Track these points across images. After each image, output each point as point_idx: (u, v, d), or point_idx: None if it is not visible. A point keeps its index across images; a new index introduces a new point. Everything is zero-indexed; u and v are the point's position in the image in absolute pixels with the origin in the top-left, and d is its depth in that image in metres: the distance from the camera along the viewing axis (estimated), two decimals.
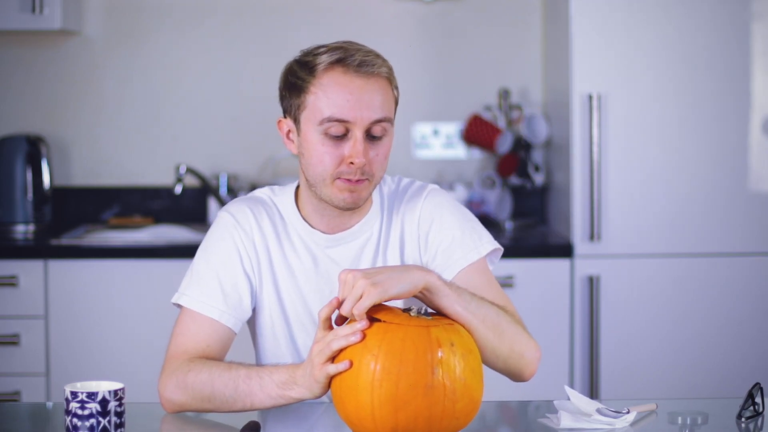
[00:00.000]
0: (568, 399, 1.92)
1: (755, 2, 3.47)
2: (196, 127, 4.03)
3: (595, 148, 3.46)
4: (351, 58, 1.99)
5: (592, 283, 3.47)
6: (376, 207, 2.13)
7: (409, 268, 1.85)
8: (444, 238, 2.10)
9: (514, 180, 3.96)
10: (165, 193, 4.02)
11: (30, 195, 3.80)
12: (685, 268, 3.50)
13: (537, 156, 3.96)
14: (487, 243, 2.11)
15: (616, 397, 3.40)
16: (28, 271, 3.48)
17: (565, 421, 1.86)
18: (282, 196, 2.15)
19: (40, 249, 3.51)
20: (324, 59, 2.00)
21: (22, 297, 3.48)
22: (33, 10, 3.65)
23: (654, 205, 3.49)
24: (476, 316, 1.87)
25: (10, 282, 3.47)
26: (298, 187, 2.15)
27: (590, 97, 3.46)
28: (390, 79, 2.04)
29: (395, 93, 2.05)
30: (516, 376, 2.00)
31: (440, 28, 4.03)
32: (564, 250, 3.50)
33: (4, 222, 3.78)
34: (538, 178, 3.95)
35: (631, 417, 1.88)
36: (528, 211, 4.02)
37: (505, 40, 4.03)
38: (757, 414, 1.94)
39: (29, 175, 3.80)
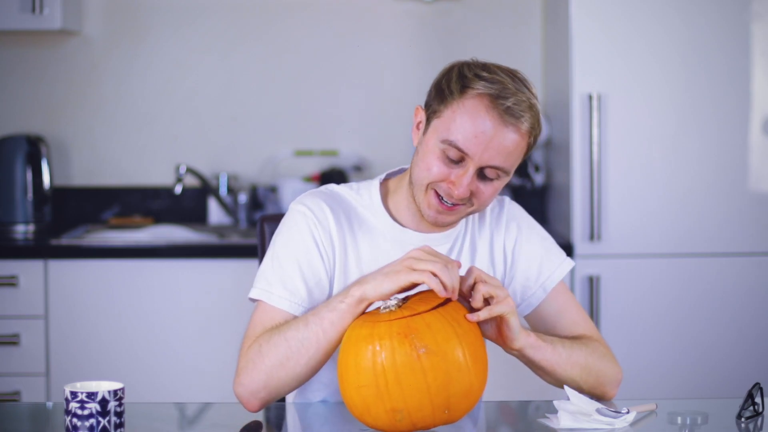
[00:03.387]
0: (568, 399, 1.92)
1: (755, 2, 3.47)
2: (196, 127, 4.03)
3: (595, 148, 3.46)
4: (503, 99, 1.94)
5: (592, 283, 3.47)
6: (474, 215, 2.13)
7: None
8: (531, 257, 2.14)
9: (514, 180, 3.95)
10: (165, 193, 4.02)
11: (30, 195, 3.80)
12: (685, 268, 3.50)
13: (537, 156, 3.96)
14: (566, 259, 2.18)
15: (616, 397, 3.40)
16: (28, 271, 3.48)
17: (565, 421, 1.86)
18: (363, 193, 2.11)
19: (40, 249, 3.51)
20: (478, 86, 1.96)
21: (22, 297, 3.48)
22: (33, 10, 3.65)
23: (654, 205, 3.49)
24: (566, 365, 2.00)
25: (10, 282, 3.47)
26: (383, 183, 2.12)
27: (590, 97, 3.46)
28: (530, 133, 1.98)
29: (530, 142, 2.00)
30: (597, 398, 2.05)
31: (440, 28, 4.03)
32: (564, 250, 3.48)
33: (4, 222, 3.78)
34: (538, 178, 3.94)
35: (631, 417, 1.88)
36: (528, 211, 4.00)
37: (505, 40, 4.03)
38: (757, 414, 1.94)
39: (29, 175, 3.80)
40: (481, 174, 1.97)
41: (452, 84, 1.98)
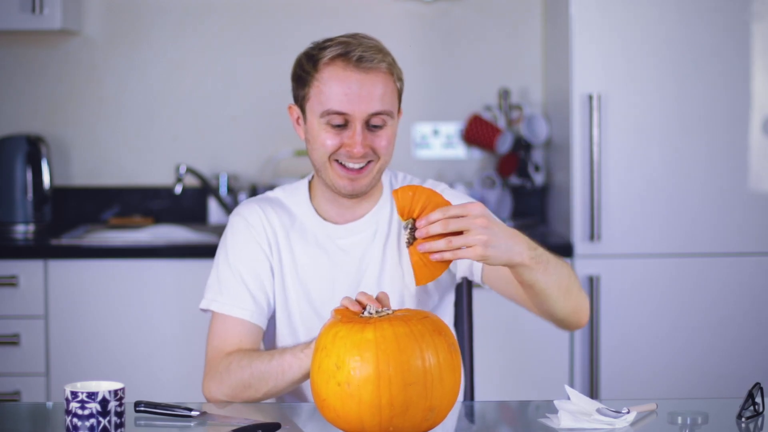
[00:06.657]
0: (568, 399, 1.92)
1: (755, 2, 3.47)
2: (196, 127, 4.03)
3: (595, 148, 3.46)
4: (352, 53, 2.07)
5: (592, 283, 3.47)
6: (387, 196, 2.22)
7: (517, 241, 1.91)
8: None
9: (514, 180, 3.96)
10: (165, 193, 4.02)
11: (30, 195, 3.80)
12: (686, 268, 3.50)
13: (537, 156, 3.96)
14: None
15: (616, 397, 3.40)
16: (28, 271, 3.48)
17: (565, 421, 1.86)
18: (294, 192, 2.24)
19: (40, 249, 3.51)
20: (326, 54, 2.08)
21: (22, 297, 3.48)
22: (33, 10, 3.65)
23: (654, 205, 3.49)
24: (553, 284, 2.00)
25: (10, 282, 3.47)
26: (311, 181, 2.24)
27: (590, 97, 3.46)
28: (391, 72, 2.11)
29: (397, 84, 2.13)
30: (568, 328, 2.10)
31: (440, 28, 4.03)
32: (564, 250, 3.49)
33: (4, 222, 3.78)
34: (538, 178, 3.94)
35: (631, 417, 1.88)
36: (528, 211, 4.02)
37: (505, 40, 4.03)
38: (757, 414, 1.94)
39: (29, 175, 3.80)
40: (369, 126, 2.09)
41: (305, 66, 2.11)
